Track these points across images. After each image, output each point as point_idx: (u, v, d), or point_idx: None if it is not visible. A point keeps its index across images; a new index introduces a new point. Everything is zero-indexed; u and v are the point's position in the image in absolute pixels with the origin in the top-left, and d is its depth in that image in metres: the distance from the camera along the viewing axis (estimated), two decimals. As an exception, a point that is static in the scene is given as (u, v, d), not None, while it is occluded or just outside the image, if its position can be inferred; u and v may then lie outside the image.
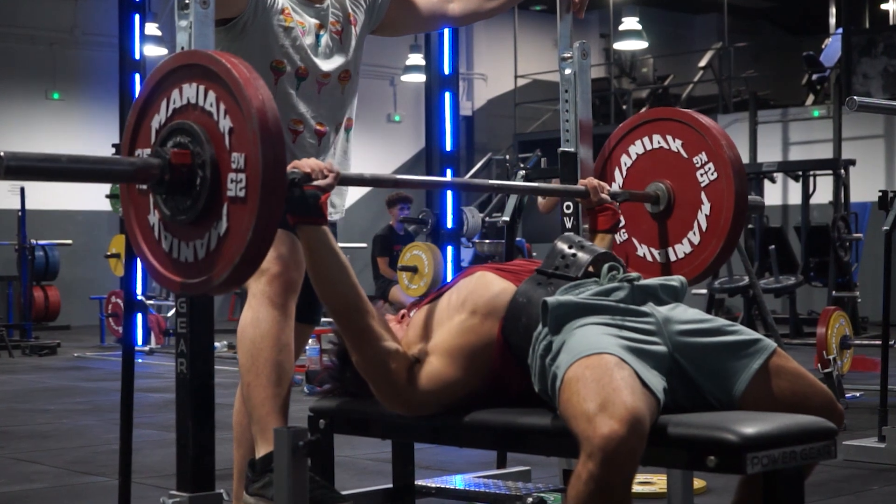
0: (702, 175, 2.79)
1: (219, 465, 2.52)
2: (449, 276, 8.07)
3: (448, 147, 9.09)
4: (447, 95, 9.09)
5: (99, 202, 9.65)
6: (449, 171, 9.04)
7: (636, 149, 2.91)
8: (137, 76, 10.22)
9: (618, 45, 14.32)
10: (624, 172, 2.93)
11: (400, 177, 2.57)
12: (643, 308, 2.18)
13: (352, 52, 2.82)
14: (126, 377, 3.06)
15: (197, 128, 1.96)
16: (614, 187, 2.87)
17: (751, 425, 1.95)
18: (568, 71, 3.05)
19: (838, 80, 12.43)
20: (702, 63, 15.26)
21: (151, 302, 9.86)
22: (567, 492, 1.91)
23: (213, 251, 1.96)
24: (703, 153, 2.79)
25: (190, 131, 1.97)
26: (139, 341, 9.32)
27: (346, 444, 3.86)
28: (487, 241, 9.45)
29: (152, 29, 11.49)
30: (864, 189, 10.76)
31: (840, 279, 9.78)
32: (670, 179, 2.85)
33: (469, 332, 2.27)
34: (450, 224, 8.80)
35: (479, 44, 16.41)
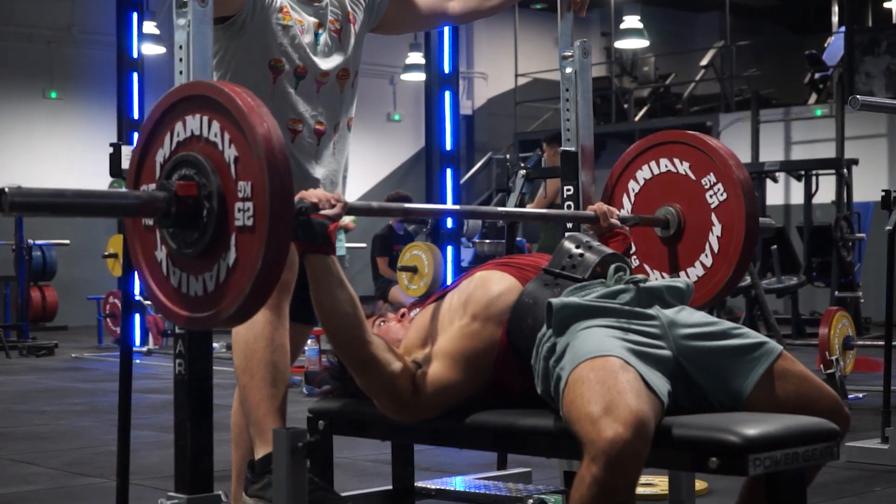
0: (711, 196, 2.78)
1: (217, 467, 2.53)
2: (449, 276, 8.05)
3: (448, 146, 9.10)
4: (447, 94, 9.09)
5: (97, 202, 9.60)
6: (449, 171, 9.06)
7: (643, 174, 2.91)
8: (135, 75, 10.21)
9: (619, 44, 14.30)
10: (632, 198, 2.93)
11: (409, 206, 2.61)
12: (649, 311, 2.17)
13: (351, 50, 2.82)
14: (124, 378, 3.07)
15: (202, 159, 1.95)
16: (623, 213, 2.85)
17: (753, 426, 1.94)
18: (569, 70, 3.05)
19: (841, 78, 12.44)
20: (703, 62, 15.26)
21: (149, 302, 9.80)
22: (570, 495, 1.91)
23: (222, 283, 1.94)
24: (712, 174, 2.78)
25: (195, 163, 1.96)
26: (137, 342, 9.29)
27: (346, 446, 3.83)
28: (488, 241, 9.44)
29: (150, 27, 11.46)
30: (866, 189, 10.73)
31: (843, 279, 9.76)
32: (679, 203, 2.84)
33: (472, 336, 2.27)
34: (450, 224, 8.80)
35: (479, 42, 16.40)
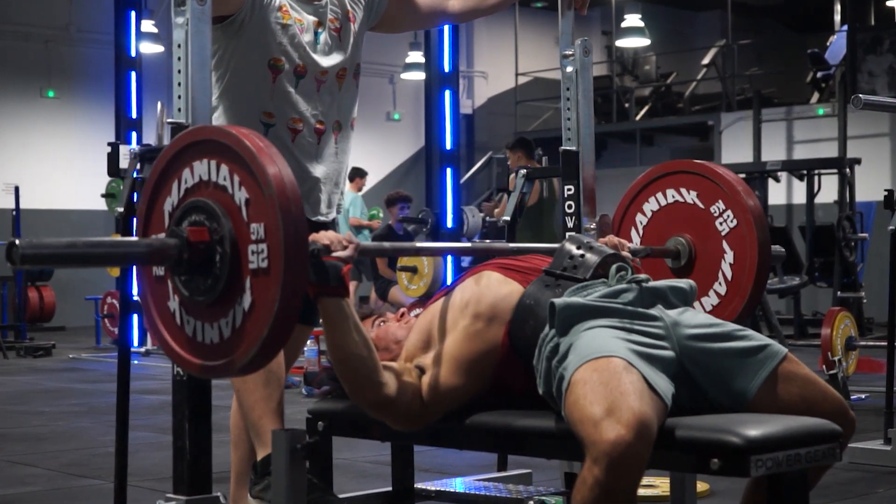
0: (721, 224, 2.77)
1: (216, 468, 2.52)
2: (449, 276, 8.02)
3: (448, 146, 9.13)
4: (447, 93, 9.11)
5: (94, 202, 9.59)
6: (449, 170, 9.05)
7: (650, 206, 2.90)
8: (133, 74, 10.18)
9: (620, 43, 14.27)
10: (641, 231, 2.92)
11: (420, 245, 2.69)
12: (652, 311, 2.17)
13: (350, 49, 2.81)
14: (122, 379, 3.08)
15: (212, 203, 1.94)
16: (633, 246, 2.81)
17: (755, 427, 1.94)
18: (569, 69, 3.03)
19: (843, 77, 12.43)
20: (705, 60, 15.24)
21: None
22: (572, 496, 1.91)
23: (238, 328, 1.92)
24: (720, 201, 2.76)
25: (205, 208, 1.95)
26: (135, 342, 9.25)
27: (345, 447, 3.84)
28: (488, 241, 9.39)
29: (148, 26, 11.42)
30: (869, 188, 10.73)
31: (845, 279, 9.75)
32: (689, 232, 2.83)
33: (474, 338, 2.26)
34: (450, 224, 8.81)
35: (479, 41, 16.39)
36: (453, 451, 3.98)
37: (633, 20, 13.44)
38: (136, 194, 3.20)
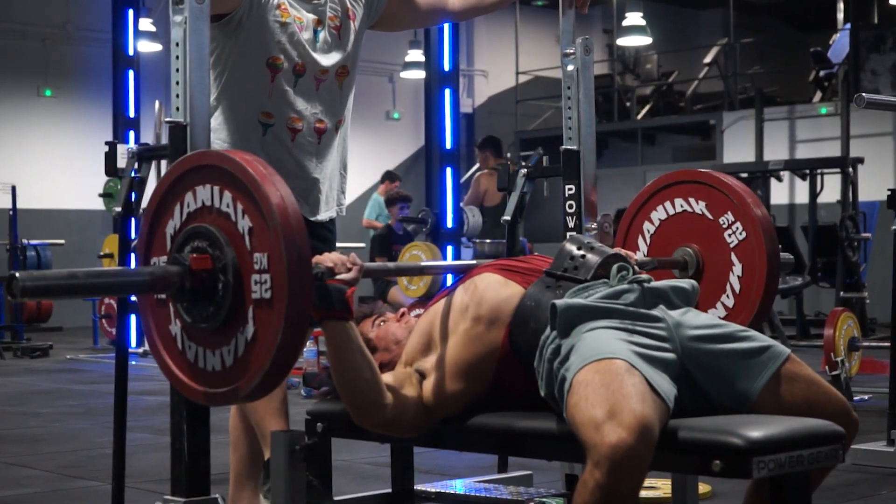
0: (730, 235, 2.76)
1: (214, 470, 2.49)
2: (449, 276, 7.98)
3: (448, 145, 9.17)
4: (447, 92, 9.15)
5: (92, 201, 9.59)
6: (449, 170, 9.06)
7: (658, 215, 2.89)
8: (131, 72, 10.16)
9: (621, 41, 14.21)
10: (648, 240, 2.91)
11: (425, 263, 2.57)
12: (654, 312, 2.16)
13: (350, 47, 2.80)
14: (119, 380, 3.10)
15: (215, 230, 1.94)
16: (639, 255, 2.81)
17: (757, 429, 1.93)
18: (570, 67, 3.03)
19: (846, 76, 12.43)
20: (707, 59, 15.26)
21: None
22: (573, 499, 1.91)
23: (241, 357, 1.93)
24: (729, 213, 2.76)
25: (207, 235, 1.95)
26: (133, 343, 9.20)
27: (344, 448, 3.85)
28: (488, 241, 9.38)
29: (146, 24, 11.36)
30: (872, 188, 10.71)
31: (848, 280, 9.73)
32: (697, 243, 2.82)
33: (475, 342, 2.26)
34: (450, 223, 8.83)
35: (479, 39, 16.38)
36: (453, 453, 4.03)
37: (634, 18, 13.37)
38: (133, 194, 3.20)
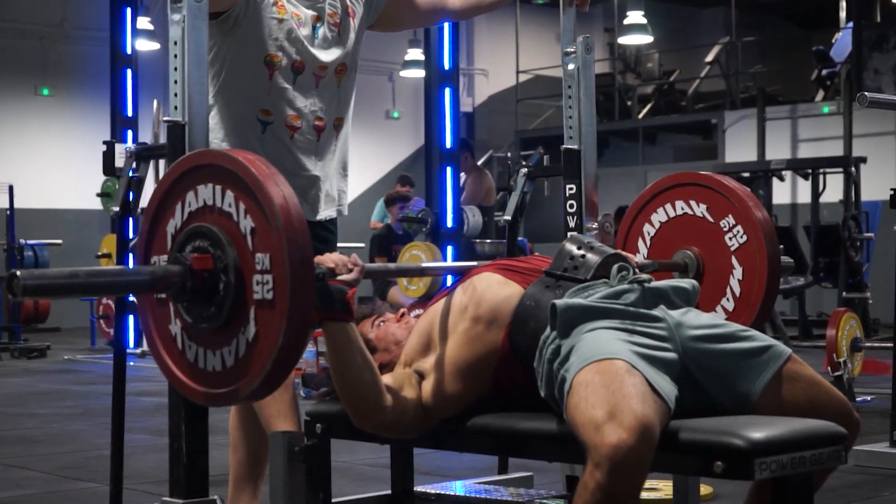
0: (731, 238, 2.76)
1: (213, 471, 2.46)
2: (449, 276, 7.93)
3: (448, 144, 9.17)
4: (447, 91, 9.15)
5: (90, 201, 9.56)
6: (449, 169, 9.05)
7: (659, 217, 2.89)
8: (129, 71, 10.12)
9: (622, 40, 14.19)
10: (648, 242, 2.91)
11: (426, 265, 2.55)
12: (655, 312, 2.16)
13: (350, 44, 2.79)
14: (117, 380, 3.10)
15: (216, 230, 1.94)
16: (639, 258, 2.84)
17: (759, 430, 1.93)
18: (571, 66, 3.02)
19: (849, 75, 12.43)
20: (708, 58, 15.26)
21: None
22: (574, 500, 1.90)
23: (242, 358, 1.93)
24: (730, 216, 2.76)
25: (209, 234, 1.94)
26: (131, 343, 9.21)
27: (344, 449, 3.84)
28: (488, 241, 9.35)
29: (144, 23, 11.37)
30: (875, 187, 10.66)
31: (851, 280, 9.70)
32: (698, 246, 2.82)
33: (474, 342, 2.26)
34: (450, 223, 8.81)
35: (479, 38, 16.36)
36: (453, 454, 4.06)
37: (635, 17, 13.34)
38: (131, 193, 3.20)
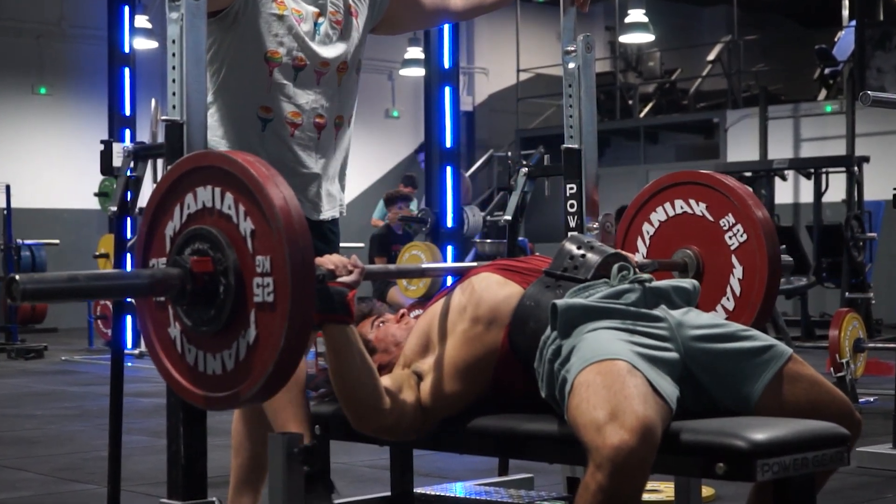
0: (731, 237, 2.75)
1: (211, 472, 2.43)
2: (448, 276, 7.90)
3: (448, 143, 9.18)
4: (447, 90, 9.15)
5: (87, 201, 9.54)
6: (449, 169, 9.04)
7: (658, 216, 2.89)
8: (127, 70, 10.10)
9: (623, 39, 14.15)
10: (647, 241, 2.91)
11: (426, 266, 2.54)
12: (656, 312, 2.16)
13: (353, 42, 2.76)
14: (115, 381, 3.11)
15: (216, 232, 1.92)
16: (638, 257, 2.82)
17: (761, 431, 1.93)
18: (572, 65, 3.01)
19: (851, 74, 12.41)
20: (710, 57, 15.25)
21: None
22: (575, 502, 1.90)
23: (242, 361, 1.91)
24: (730, 215, 2.76)
25: (209, 237, 1.93)
26: (129, 344, 9.20)
27: (343, 451, 3.81)
28: (489, 241, 9.34)
29: (142, 21, 11.37)
30: (878, 187, 10.60)
31: (853, 280, 9.66)
32: (697, 245, 2.81)
33: (473, 342, 2.26)
34: (450, 223, 8.81)
35: (480, 37, 16.35)
36: (453, 455, 4.06)
37: (637, 15, 13.30)
38: (129, 193, 3.18)
